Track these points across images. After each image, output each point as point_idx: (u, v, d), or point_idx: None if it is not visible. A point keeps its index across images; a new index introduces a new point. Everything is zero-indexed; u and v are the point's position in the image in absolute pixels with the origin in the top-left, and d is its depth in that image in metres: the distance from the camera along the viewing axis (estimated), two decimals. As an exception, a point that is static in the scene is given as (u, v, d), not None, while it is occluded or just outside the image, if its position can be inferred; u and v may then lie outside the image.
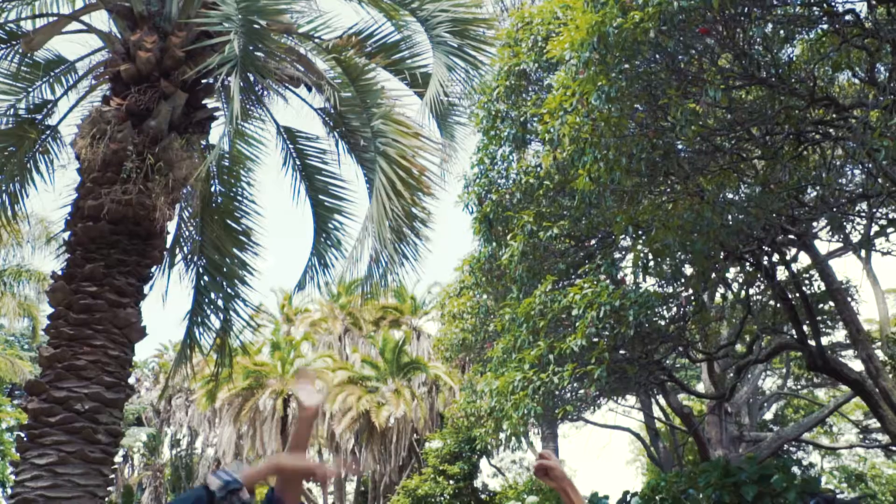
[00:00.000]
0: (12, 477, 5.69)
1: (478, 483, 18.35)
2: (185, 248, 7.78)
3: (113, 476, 5.96)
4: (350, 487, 24.27)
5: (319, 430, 21.23)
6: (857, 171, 7.53)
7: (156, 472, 27.75)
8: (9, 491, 5.73)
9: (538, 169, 9.07)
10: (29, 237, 15.52)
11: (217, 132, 9.20)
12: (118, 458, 26.45)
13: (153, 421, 27.98)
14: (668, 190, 7.10)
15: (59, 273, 6.13)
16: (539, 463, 2.48)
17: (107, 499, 5.94)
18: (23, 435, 5.69)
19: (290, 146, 8.05)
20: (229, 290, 7.61)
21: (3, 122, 6.96)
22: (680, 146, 6.63)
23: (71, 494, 5.43)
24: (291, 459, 2.30)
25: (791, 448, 17.36)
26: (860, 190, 7.29)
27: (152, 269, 6.60)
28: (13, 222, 7.58)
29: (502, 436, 9.86)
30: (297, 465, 2.31)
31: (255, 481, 2.22)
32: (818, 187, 7.03)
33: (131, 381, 6.25)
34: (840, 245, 9.02)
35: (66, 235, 6.34)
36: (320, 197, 8.13)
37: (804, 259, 9.41)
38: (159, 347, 29.60)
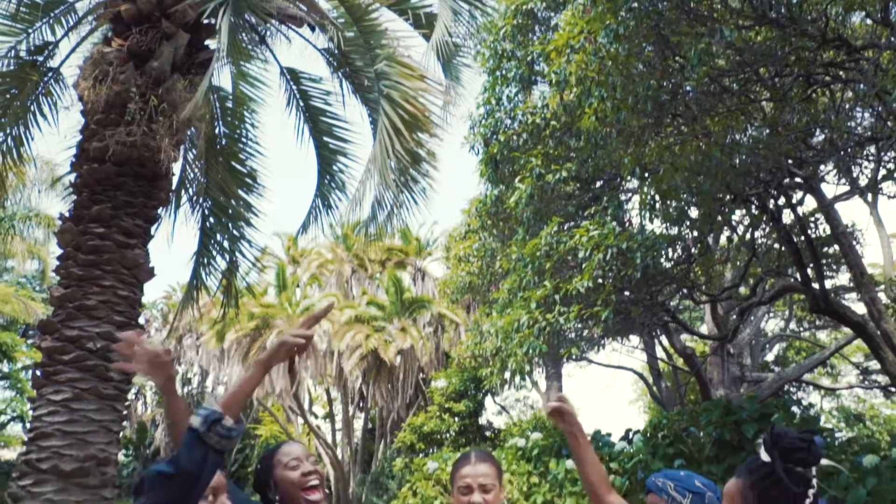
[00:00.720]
0: (30, 413, 5.85)
1: (483, 421, 18.72)
2: (190, 190, 7.81)
3: (126, 412, 6.12)
4: (358, 424, 24.78)
5: (328, 369, 21.58)
6: (866, 114, 7.45)
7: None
8: (27, 426, 5.90)
9: (544, 110, 8.99)
10: (36, 180, 15.56)
11: (220, 74, 9.13)
12: (131, 396, 27.03)
13: (164, 360, 28.45)
14: (675, 131, 7.04)
15: (67, 215, 6.18)
16: (557, 406, 2.52)
17: (121, 434, 6.10)
18: (38, 372, 5.82)
19: (294, 87, 7.99)
20: (235, 232, 7.66)
21: (4, 64, 6.91)
22: (688, 87, 6.56)
23: (86, 429, 5.59)
24: (266, 353, 2.24)
25: (792, 388, 17.60)
26: (869, 133, 7.23)
27: (158, 211, 6.65)
28: (19, 165, 7.60)
29: (507, 375, 10.03)
30: (273, 351, 2.25)
31: (239, 399, 2.13)
32: (826, 130, 6.97)
33: (140, 321, 6.35)
34: (847, 189, 8.98)
35: (72, 178, 6.37)
36: (324, 139, 8.11)
37: (810, 202, 9.39)
38: (167, 289, 29.89)
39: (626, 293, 8.39)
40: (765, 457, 1.90)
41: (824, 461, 1.92)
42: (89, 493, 5.48)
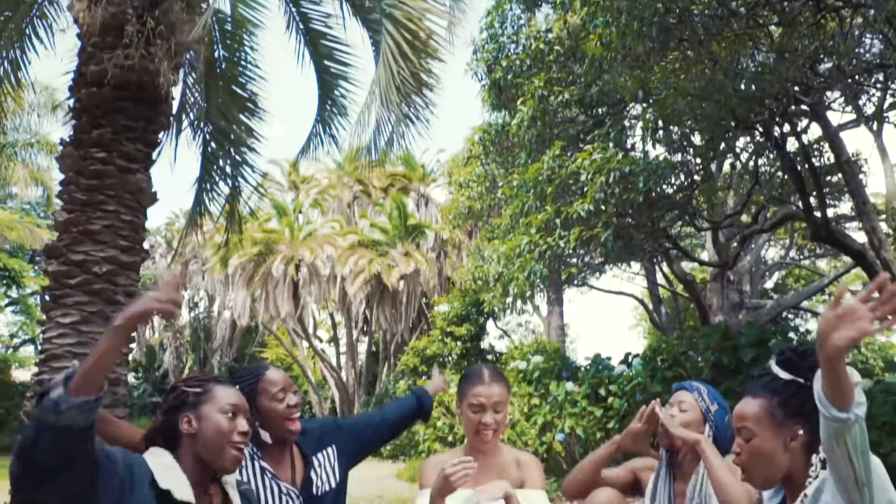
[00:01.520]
0: (41, 336, 5.97)
1: (484, 344, 18.99)
2: (191, 115, 7.75)
3: (134, 335, 6.24)
4: (361, 348, 25.20)
5: (332, 293, 21.83)
6: (875, 41, 7.30)
7: (175, 333, 28.82)
8: (39, 348, 6.03)
9: (548, 34, 8.83)
10: (35, 105, 15.43)
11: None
12: (138, 321, 27.39)
13: (170, 285, 28.75)
14: (681, 56, 6.94)
15: (68, 140, 6.16)
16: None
17: (130, 356, 6.23)
18: (46, 296, 5.92)
19: (293, 9, 7.83)
20: (237, 157, 7.63)
21: (-4, -15, 6.75)
22: (694, 10, 6.43)
23: (96, 350, 5.71)
24: (122, 318, 1.87)
25: (790, 315, 17.79)
26: (877, 60, 7.11)
27: (160, 136, 6.60)
28: (17, 90, 7.51)
29: (508, 299, 10.16)
30: (129, 317, 1.86)
31: (91, 373, 1.74)
32: (834, 56, 6.85)
33: (145, 246, 6.41)
34: (853, 117, 8.88)
35: (71, 102, 6.32)
36: (325, 63, 7.99)
37: (815, 130, 9.30)
38: (170, 216, 29.99)
39: (628, 218, 8.41)
40: (784, 375, 1.92)
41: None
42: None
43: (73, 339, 5.70)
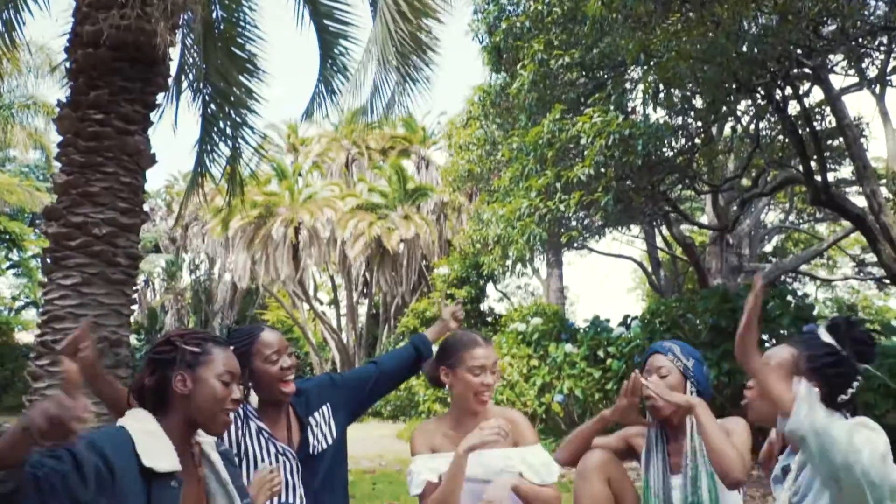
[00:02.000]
0: (42, 298, 6.01)
1: (484, 307, 19.09)
2: (190, 76, 7.70)
3: (136, 296, 6.28)
4: (362, 310, 25.33)
5: (332, 256, 21.88)
6: (880, 3, 7.22)
7: (177, 295, 28.94)
8: (41, 310, 6.07)
9: (549, -6, 8.72)
10: (32, 66, 15.29)
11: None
12: (140, 283, 27.54)
13: (170, 248, 28.81)
14: (683, 18, 6.86)
15: (65, 101, 6.14)
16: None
17: (132, 318, 6.28)
18: (47, 258, 5.95)
19: (292, -33, 7.74)
20: (237, 118, 7.60)
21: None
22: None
23: (97, 312, 5.76)
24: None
25: (788, 279, 17.88)
26: (882, 23, 7.03)
27: (158, 97, 6.58)
28: (13, 51, 7.44)
29: (508, 262, 10.19)
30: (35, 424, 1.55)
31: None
32: (838, 19, 6.78)
33: (144, 208, 6.42)
34: (855, 80, 8.81)
35: (68, 64, 6.28)
36: (325, 22, 7.92)
37: (817, 94, 9.24)
38: (169, 178, 29.93)
39: (628, 181, 8.40)
40: (825, 337, 1.97)
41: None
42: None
43: (74, 300, 5.74)
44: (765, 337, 7.47)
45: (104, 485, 1.66)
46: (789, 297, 7.61)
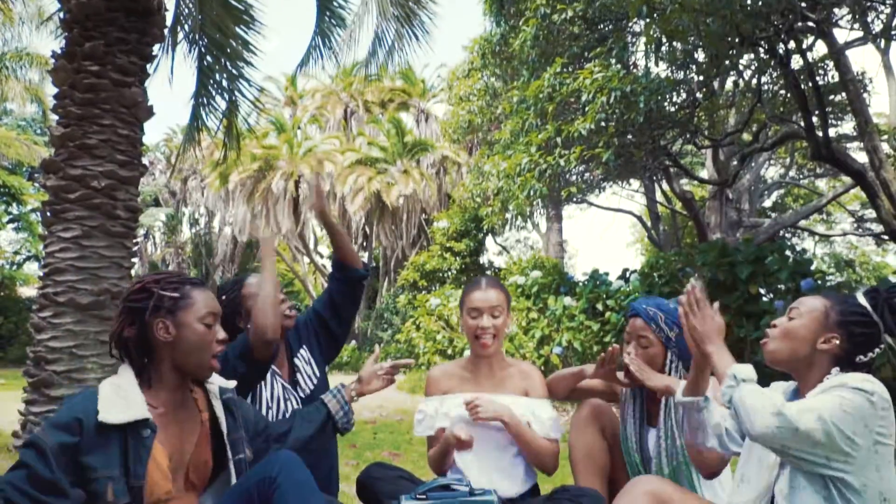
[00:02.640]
0: (43, 251, 6.04)
1: (483, 260, 19.14)
2: (186, 27, 7.61)
3: (136, 249, 6.31)
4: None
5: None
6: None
7: (177, 248, 28.99)
8: (42, 263, 6.10)
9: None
10: (24, 17, 15.04)
11: None
12: (140, 237, 27.57)
13: (170, 202, 28.78)
14: (686, -32, 6.74)
15: (60, 52, 6.08)
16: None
17: (133, 271, 6.32)
18: (47, 211, 5.96)
19: (289, -85, 7.58)
20: (233, 71, 7.54)
21: None
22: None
23: (98, 264, 5.80)
24: None
25: (787, 234, 17.91)
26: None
27: (154, 49, 6.52)
28: (5, 2, 7.34)
29: (508, 216, 10.20)
30: None
31: None
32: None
33: (144, 162, 6.41)
34: (860, 34, 8.68)
35: (61, 14, 6.20)
36: (322, -28, 7.80)
37: (820, 48, 9.13)
38: (168, 132, 29.73)
39: (629, 136, 8.36)
40: (861, 300, 2.01)
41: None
42: (106, 324, 5.77)
43: (75, 253, 5.78)
44: (762, 292, 7.52)
45: (70, 457, 1.71)
46: (787, 253, 7.63)
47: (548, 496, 2.65)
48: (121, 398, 1.82)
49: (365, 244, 23.95)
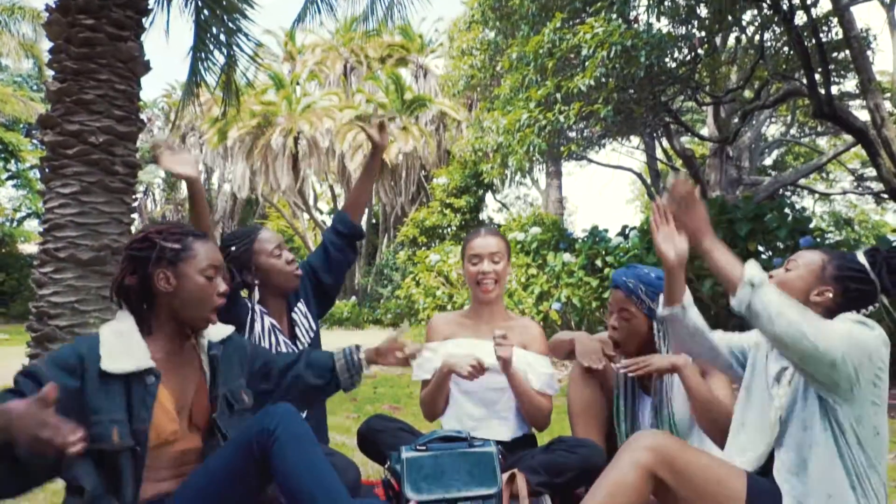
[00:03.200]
0: (43, 207, 6.05)
1: (483, 216, 19.16)
2: (182, -21, 7.51)
3: (135, 205, 6.31)
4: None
5: (331, 166, 21.79)
6: None
7: (177, 205, 28.96)
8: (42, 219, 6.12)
9: None
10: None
11: None
12: (140, 194, 27.51)
13: (169, 158, 28.62)
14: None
15: (54, 6, 6.01)
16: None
17: (133, 228, 6.34)
18: (45, 167, 5.96)
19: None
20: (230, 24, 7.46)
21: None
22: None
23: (98, 220, 5.82)
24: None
25: (787, 192, 17.87)
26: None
27: (150, 3, 6.45)
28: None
29: (508, 172, 10.18)
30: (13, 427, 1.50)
31: None
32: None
33: (142, 118, 6.38)
34: (865, -12, 8.58)
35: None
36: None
37: (824, 5, 9.00)
38: (167, 87, 29.46)
39: (629, 92, 8.31)
40: (860, 258, 2.01)
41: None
42: (107, 279, 5.81)
43: (74, 208, 5.79)
44: (761, 249, 7.56)
45: (72, 398, 1.72)
46: (787, 211, 7.64)
47: (545, 447, 2.70)
48: (123, 346, 1.84)
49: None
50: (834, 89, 10.78)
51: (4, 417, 1.48)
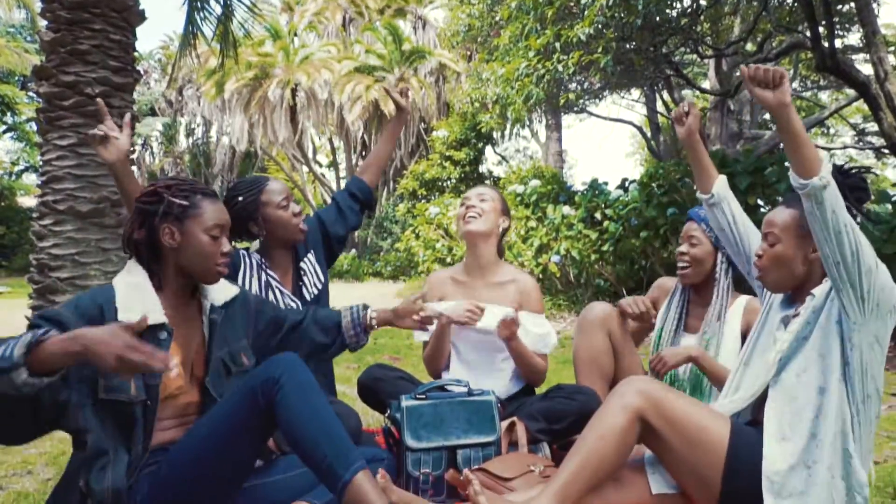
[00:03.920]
0: (40, 160, 6.03)
1: (483, 169, 19.08)
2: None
3: (134, 158, 6.29)
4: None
5: (329, 119, 21.61)
6: None
7: (175, 158, 28.78)
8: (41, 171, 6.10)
9: None
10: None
11: None
12: (138, 146, 27.33)
13: (167, 112, 28.37)
14: None
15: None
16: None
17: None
18: (41, 119, 5.92)
19: None
20: (226, -27, 7.33)
21: None
22: None
23: (96, 172, 5.81)
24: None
25: (788, 145, 17.72)
26: None
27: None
28: None
29: (507, 123, 10.12)
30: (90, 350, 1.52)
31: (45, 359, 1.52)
32: None
33: (138, 69, 6.31)
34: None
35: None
36: None
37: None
38: (164, 39, 29.04)
39: (629, 43, 8.20)
40: None
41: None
42: (107, 231, 5.83)
43: (72, 160, 5.78)
44: (761, 203, 7.56)
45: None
46: (787, 164, 7.62)
47: (543, 395, 2.75)
48: (137, 300, 1.87)
49: (364, 153, 23.80)
50: (838, 42, 10.65)
51: (80, 341, 1.51)
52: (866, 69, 9.44)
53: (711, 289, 2.76)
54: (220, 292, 2.11)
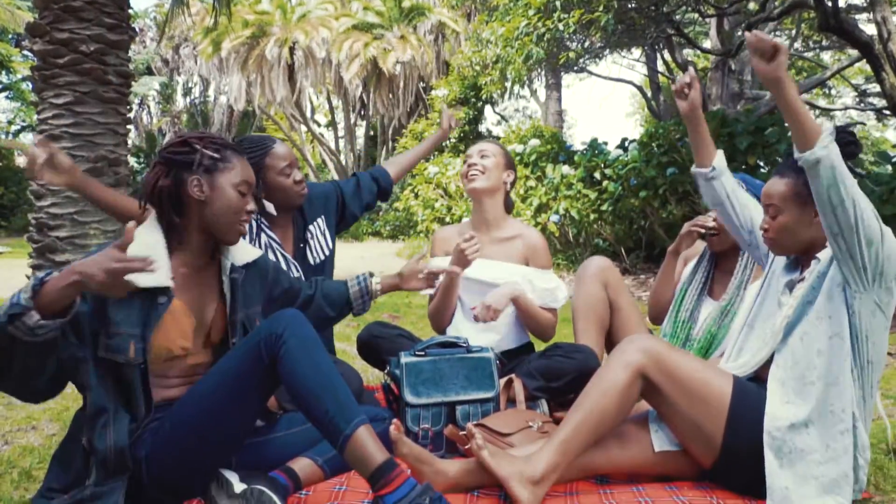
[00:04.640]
0: (36, 119, 6.00)
1: (482, 129, 18.95)
2: None
3: (131, 116, 6.26)
4: (360, 132, 25.12)
5: (327, 77, 21.40)
6: None
7: (173, 118, 28.56)
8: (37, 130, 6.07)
9: None
10: None
11: None
12: (135, 106, 27.09)
13: (163, 71, 28.06)
14: None
15: None
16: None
17: (129, 142, 6.30)
18: (36, 77, 5.87)
19: None
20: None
21: None
22: None
23: (93, 131, 5.79)
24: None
25: (789, 106, 17.57)
26: None
27: None
28: None
29: (507, 83, 10.04)
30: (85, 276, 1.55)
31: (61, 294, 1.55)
32: None
33: (133, 27, 6.24)
34: None
35: None
36: None
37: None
38: (159, -1, 28.58)
39: (630, 2, 8.10)
40: None
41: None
42: (105, 191, 5.82)
43: (68, 119, 5.76)
44: (761, 163, 7.54)
45: (97, 305, 1.75)
46: (787, 125, 7.58)
47: (542, 352, 2.77)
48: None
49: (362, 112, 23.63)
50: (841, 1, 10.50)
51: (75, 269, 1.53)
52: (869, 29, 9.34)
53: (737, 259, 2.78)
54: (242, 252, 2.09)
